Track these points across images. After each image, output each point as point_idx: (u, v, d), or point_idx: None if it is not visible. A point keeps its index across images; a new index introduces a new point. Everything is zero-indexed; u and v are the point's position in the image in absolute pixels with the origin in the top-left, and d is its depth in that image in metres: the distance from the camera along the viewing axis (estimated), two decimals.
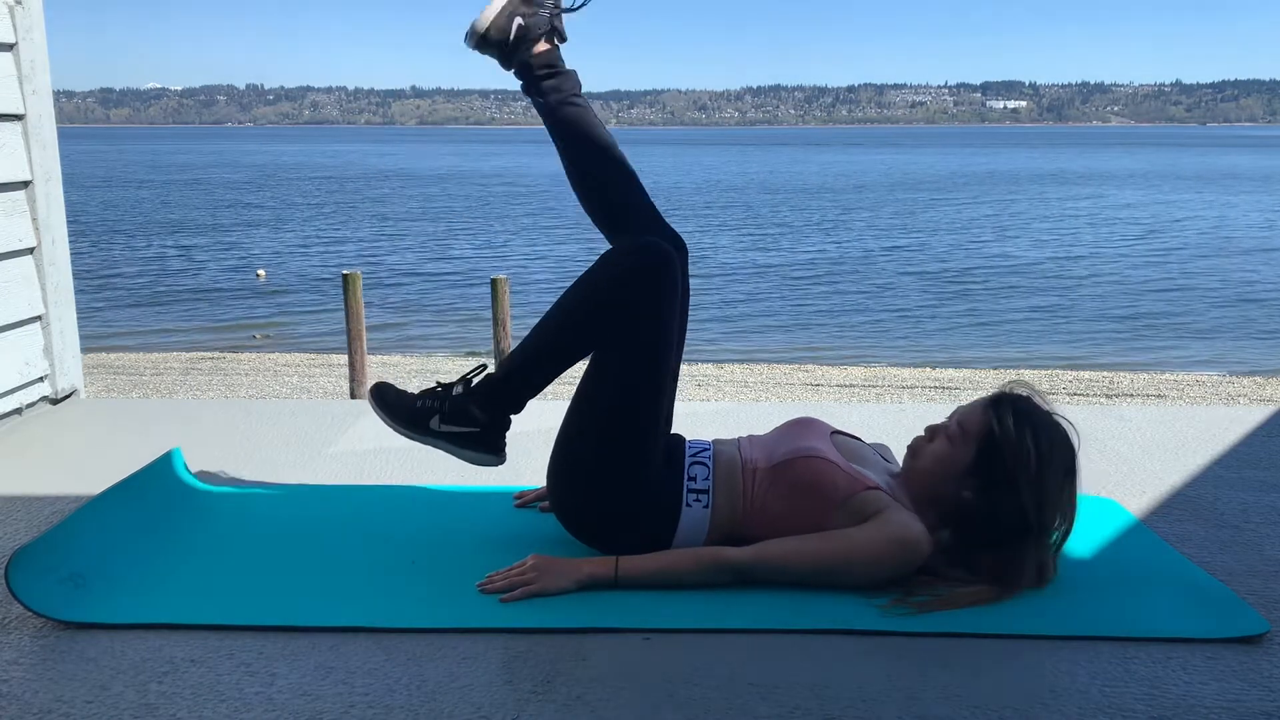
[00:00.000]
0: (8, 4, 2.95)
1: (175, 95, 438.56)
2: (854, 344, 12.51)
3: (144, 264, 19.35)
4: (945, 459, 1.80)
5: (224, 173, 52.16)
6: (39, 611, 1.64)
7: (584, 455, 1.86)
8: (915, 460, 1.86)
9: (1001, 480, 1.74)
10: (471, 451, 1.92)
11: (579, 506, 1.88)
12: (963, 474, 1.78)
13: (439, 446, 1.92)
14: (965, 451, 1.78)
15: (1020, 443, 1.74)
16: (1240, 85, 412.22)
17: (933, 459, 1.82)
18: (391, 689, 1.46)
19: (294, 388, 9.27)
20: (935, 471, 1.81)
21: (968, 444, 1.79)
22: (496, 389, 1.90)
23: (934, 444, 1.84)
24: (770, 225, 26.45)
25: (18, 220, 2.99)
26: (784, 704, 1.41)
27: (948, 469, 1.79)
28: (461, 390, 1.91)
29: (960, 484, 1.78)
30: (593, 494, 1.85)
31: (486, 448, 1.92)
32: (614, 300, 1.81)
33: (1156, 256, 20.01)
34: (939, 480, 1.81)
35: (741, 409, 3.15)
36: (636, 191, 2.00)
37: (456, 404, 1.90)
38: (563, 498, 1.90)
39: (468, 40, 2.00)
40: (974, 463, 1.77)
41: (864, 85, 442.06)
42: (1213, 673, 1.51)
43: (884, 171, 52.79)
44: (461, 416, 1.89)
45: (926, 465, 1.83)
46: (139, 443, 2.69)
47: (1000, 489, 1.74)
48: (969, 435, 1.79)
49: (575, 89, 2.03)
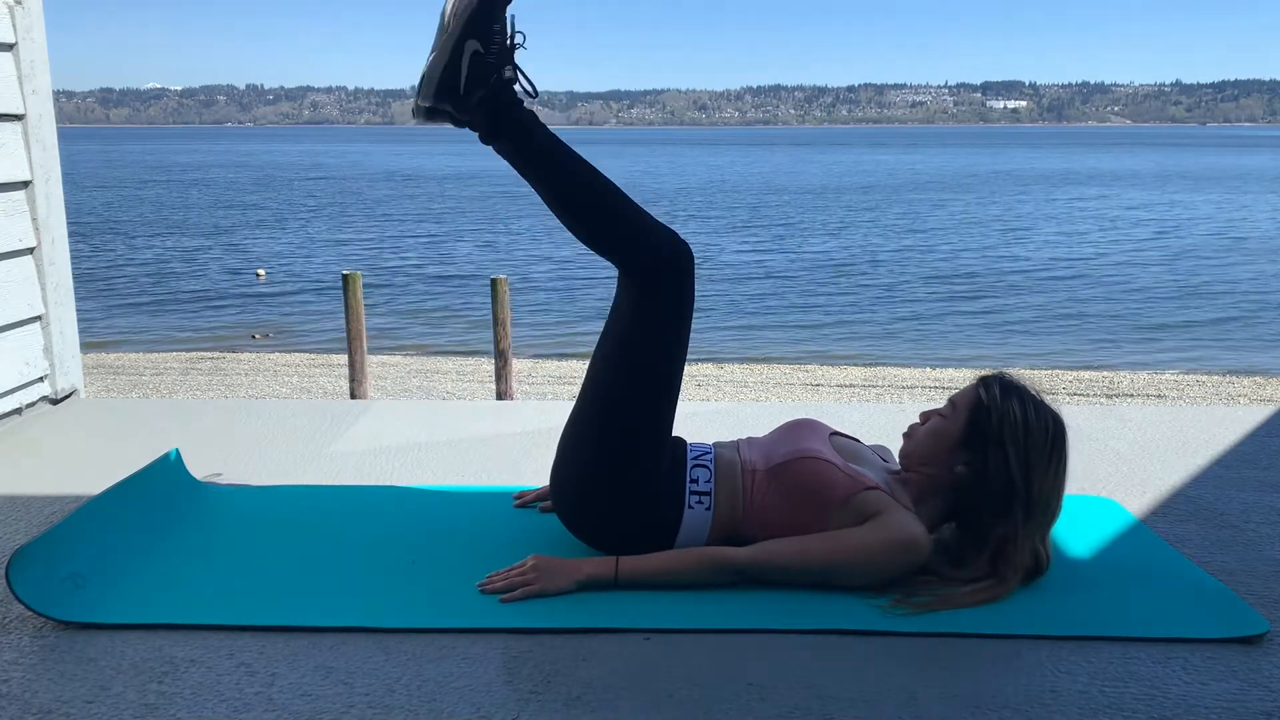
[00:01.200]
0: (8, 4, 2.95)
1: (175, 95, 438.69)
2: (854, 344, 12.52)
3: (144, 264, 19.35)
4: (938, 432, 1.85)
5: (224, 173, 52.17)
6: (39, 611, 1.64)
7: (589, 456, 1.85)
8: (909, 442, 1.90)
9: (990, 441, 1.77)
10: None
11: (582, 507, 1.88)
12: (955, 446, 1.82)
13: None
14: (956, 424, 1.83)
15: (1006, 406, 1.79)
16: (1240, 85, 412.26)
17: (926, 434, 1.87)
18: (391, 689, 1.46)
19: (294, 388, 9.27)
20: (929, 446, 1.85)
21: (958, 417, 1.84)
22: (510, 113, 1.80)
23: (928, 423, 1.89)
24: (770, 225, 26.45)
25: (18, 220, 2.99)
26: (784, 704, 1.41)
27: (941, 442, 1.83)
28: (510, 74, 1.79)
29: (953, 458, 1.82)
30: (596, 495, 1.85)
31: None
32: (638, 282, 1.80)
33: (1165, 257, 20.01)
34: (933, 456, 1.84)
35: (741, 409, 3.15)
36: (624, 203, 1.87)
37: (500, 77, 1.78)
38: (565, 498, 1.90)
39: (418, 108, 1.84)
40: (965, 432, 1.81)
41: (864, 85, 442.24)
42: (1213, 673, 1.51)
43: (890, 171, 52.71)
44: (498, 84, 1.78)
45: (921, 441, 1.87)
46: (139, 443, 2.69)
47: (989, 451, 1.77)
48: (959, 408, 1.85)
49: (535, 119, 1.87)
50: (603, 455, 1.84)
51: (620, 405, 1.84)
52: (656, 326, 1.81)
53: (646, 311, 1.81)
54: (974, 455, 1.79)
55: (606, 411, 1.85)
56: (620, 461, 1.83)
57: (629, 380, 1.83)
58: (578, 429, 1.89)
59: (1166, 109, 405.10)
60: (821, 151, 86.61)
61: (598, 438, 1.85)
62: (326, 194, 36.44)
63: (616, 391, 1.84)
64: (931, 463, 1.84)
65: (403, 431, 2.84)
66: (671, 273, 1.80)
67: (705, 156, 75.38)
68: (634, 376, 1.83)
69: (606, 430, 1.84)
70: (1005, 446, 1.76)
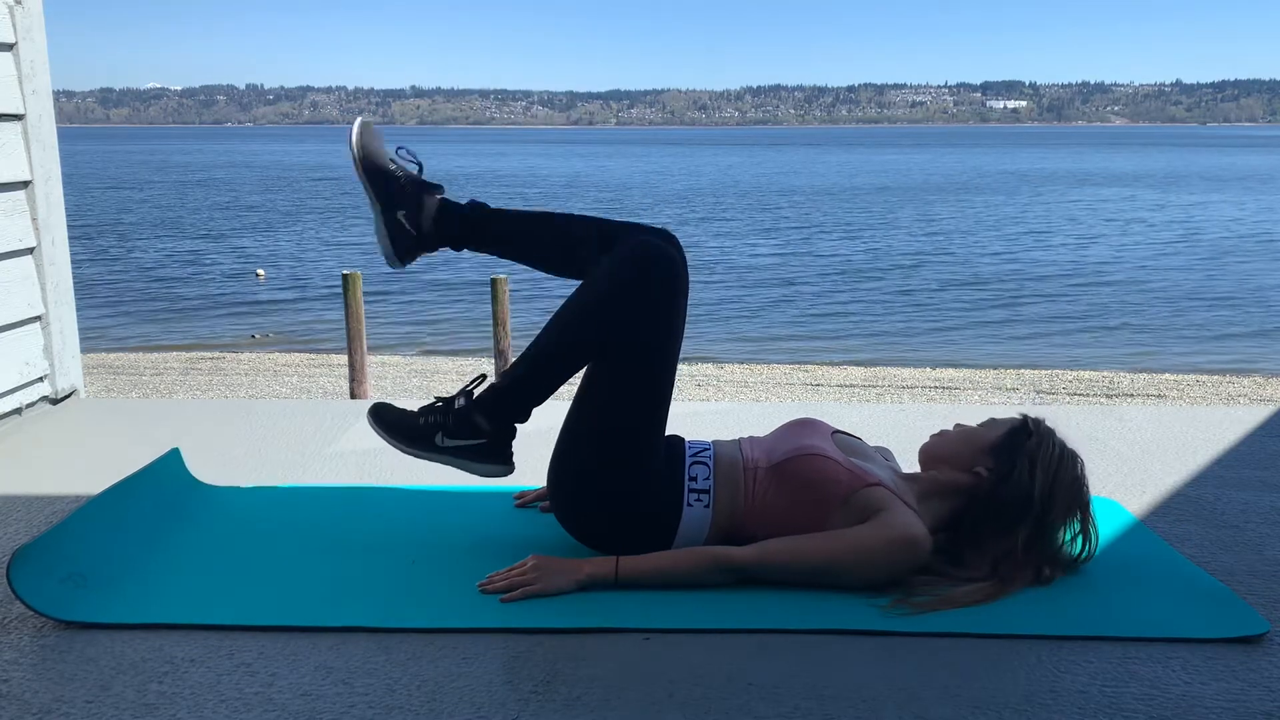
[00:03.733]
0: (8, 4, 2.95)
1: (175, 95, 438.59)
2: (854, 344, 12.51)
3: (144, 264, 19.34)
4: (971, 435, 1.90)
5: (224, 173, 52.17)
6: (39, 611, 1.64)
7: (586, 455, 1.86)
8: (937, 438, 1.93)
9: (1023, 454, 1.80)
10: (480, 464, 1.91)
11: (580, 506, 1.88)
12: (985, 450, 1.84)
13: (447, 463, 1.91)
14: (992, 432, 1.87)
15: (1048, 435, 1.84)
16: (1240, 85, 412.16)
17: (959, 433, 1.92)
18: (391, 689, 1.46)
19: (294, 388, 9.27)
20: (957, 442, 1.89)
21: (997, 428, 1.88)
22: (502, 397, 1.89)
23: (962, 426, 1.94)
24: (772, 224, 26.45)
25: (18, 220, 2.99)
26: (784, 704, 1.42)
27: (971, 443, 1.87)
28: (464, 403, 1.89)
29: (978, 459, 1.84)
30: (594, 494, 1.85)
31: (495, 458, 1.91)
32: (621, 306, 1.81)
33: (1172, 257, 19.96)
34: (957, 454, 1.87)
35: (742, 409, 3.15)
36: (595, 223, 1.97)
37: (460, 417, 1.88)
38: (564, 498, 1.90)
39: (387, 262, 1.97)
40: (1000, 440, 1.84)
41: (864, 85, 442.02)
42: (1213, 673, 1.51)
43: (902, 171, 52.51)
44: (467, 429, 1.88)
45: (951, 438, 1.91)
46: (139, 443, 2.69)
47: (1018, 463, 1.79)
48: (1000, 423, 1.89)
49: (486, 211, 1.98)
50: (598, 454, 1.84)
51: (614, 403, 1.84)
52: (648, 323, 1.81)
53: (641, 307, 1.81)
54: (1001, 462, 1.81)
55: (601, 410, 1.85)
56: (615, 460, 1.83)
57: (623, 378, 1.83)
58: (573, 428, 1.89)
59: (1166, 109, 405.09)
60: (827, 151, 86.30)
61: (593, 437, 1.85)
62: (327, 195, 36.44)
63: (610, 390, 1.84)
64: (953, 461, 1.87)
65: None
66: (653, 270, 1.80)
67: (712, 156, 75.28)
68: (628, 375, 1.83)
69: (601, 429, 1.85)
70: (1036, 466, 1.79)
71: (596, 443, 1.85)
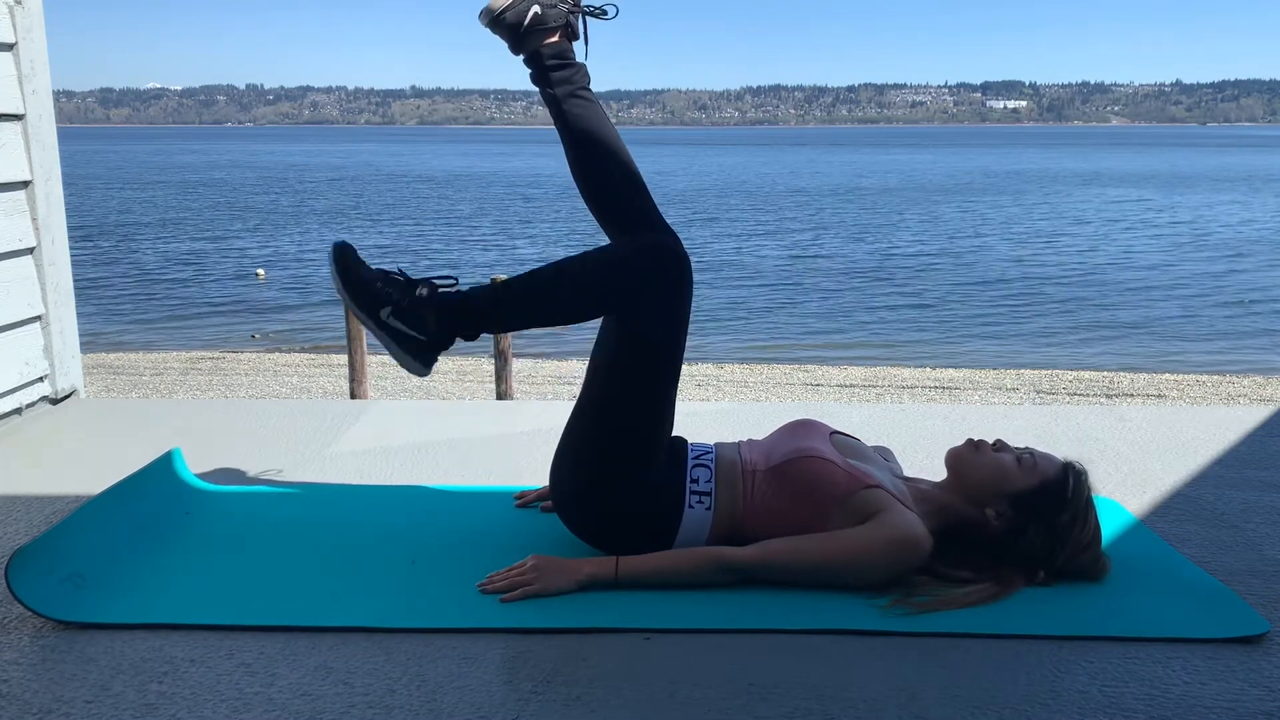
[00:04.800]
0: (8, 4, 2.96)
1: (175, 95, 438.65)
2: (854, 344, 12.50)
3: (144, 264, 19.35)
4: (1003, 471, 1.80)
5: (224, 173, 52.18)
6: (39, 611, 1.64)
7: (589, 456, 1.86)
8: (972, 452, 1.84)
9: (1042, 525, 1.75)
10: (405, 355, 1.87)
11: (582, 506, 1.88)
12: (1007, 494, 1.78)
13: (377, 335, 1.87)
14: (1026, 479, 1.79)
15: (1083, 516, 1.77)
16: (1240, 85, 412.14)
17: (994, 464, 1.81)
18: (391, 689, 1.46)
19: (294, 388, 9.27)
20: (985, 472, 1.81)
21: (1032, 475, 1.79)
22: (465, 312, 1.86)
23: (1001, 454, 1.83)
24: (772, 225, 26.45)
25: (18, 220, 2.99)
26: (784, 704, 1.41)
27: (1000, 481, 1.79)
28: (425, 294, 1.86)
29: (996, 501, 1.78)
30: (596, 494, 1.85)
31: (421, 359, 1.88)
32: (627, 293, 1.80)
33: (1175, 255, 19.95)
34: (982, 486, 1.80)
35: (742, 409, 3.15)
36: (640, 192, 1.97)
37: (415, 305, 1.85)
38: (566, 498, 1.90)
39: (482, 17, 1.96)
40: (1026, 494, 1.77)
41: (864, 85, 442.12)
42: (1213, 673, 1.51)
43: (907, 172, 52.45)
44: (414, 319, 1.85)
45: (983, 463, 1.82)
46: (139, 443, 2.69)
47: (1034, 531, 1.75)
48: (1038, 470, 1.80)
49: (584, 83, 2.00)
50: (602, 454, 1.84)
51: (619, 404, 1.84)
52: (655, 324, 1.81)
53: (645, 307, 1.81)
54: (1017, 518, 1.77)
55: (605, 411, 1.85)
56: (619, 461, 1.83)
57: (628, 380, 1.83)
58: (577, 428, 1.89)
59: (1166, 109, 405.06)
60: (829, 151, 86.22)
61: (596, 437, 1.85)
62: (328, 195, 36.45)
63: (615, 391, 1.84)
64: (970, 489, 1.81)
65: (403, 431, 2.84)
66: (665, 270, 1.80)
67: (715, 156, 75.24)
68: (631, 375, 1.83)
69: (605, 429, 1.84)
70: (1057, 543, 1.75)
71: (601, 443, 1.85)
